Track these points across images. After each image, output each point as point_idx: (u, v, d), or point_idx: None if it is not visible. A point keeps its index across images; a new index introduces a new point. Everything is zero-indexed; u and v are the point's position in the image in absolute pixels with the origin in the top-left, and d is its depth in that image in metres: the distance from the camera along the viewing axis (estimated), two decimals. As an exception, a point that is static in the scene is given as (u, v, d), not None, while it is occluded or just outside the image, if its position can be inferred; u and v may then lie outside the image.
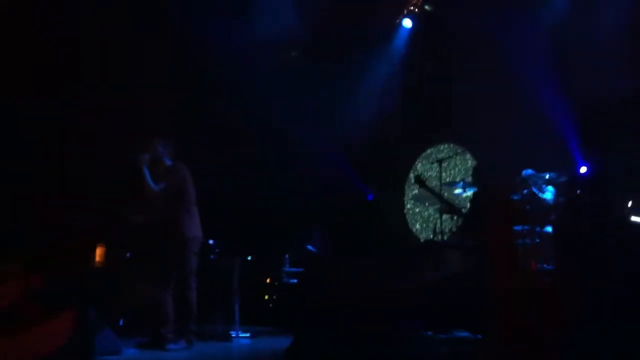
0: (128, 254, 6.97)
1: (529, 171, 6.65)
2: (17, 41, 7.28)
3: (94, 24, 7.66)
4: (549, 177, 6.50)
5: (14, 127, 7.25)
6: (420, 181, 6.11)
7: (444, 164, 8.41)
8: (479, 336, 5.07)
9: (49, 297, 3.90)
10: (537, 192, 6.53)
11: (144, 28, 7.91)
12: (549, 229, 6.30)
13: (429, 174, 9.14)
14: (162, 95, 8.12)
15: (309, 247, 8.27)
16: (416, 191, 9.01)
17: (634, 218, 5.77)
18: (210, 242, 6.95)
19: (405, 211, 9.78)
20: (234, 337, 6.79)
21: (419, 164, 9.72)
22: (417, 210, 9.61)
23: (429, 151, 9.66)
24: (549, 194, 6.45)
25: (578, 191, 5.94)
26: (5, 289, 3.72)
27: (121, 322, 6.04)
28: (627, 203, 5.76)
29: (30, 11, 7.54)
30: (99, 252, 7.40)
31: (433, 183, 7.61)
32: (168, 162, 6.08)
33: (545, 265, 6.00)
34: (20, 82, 7.21)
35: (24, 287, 3.75)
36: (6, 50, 7.13)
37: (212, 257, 6.99)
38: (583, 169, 6.46)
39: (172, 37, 8.28)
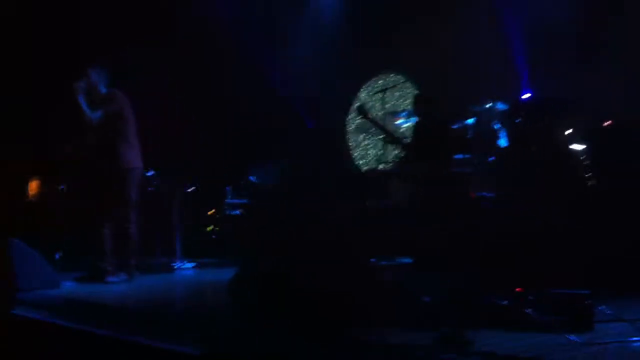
0: (62, 187, 6.74)
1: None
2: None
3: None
4: (489, 106, 6.49)
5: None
6: (362, 111, 6.05)
7: (387, 94, 8.33)
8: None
9: None
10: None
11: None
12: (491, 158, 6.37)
13: (371, 103, 9.08)
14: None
15: (251, 178, 8.18)
16: (359, 121, 8.96)
17: (573, 146, 5.86)
18: (149, 173, 6.78)
19: (348, 140, 9.77)
20: (177, 268, 6.74)
21: (363, 94, 9.64)
22: (360, 139, 9.61)
23: (372, 81, 9.57)
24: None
25: (518, 120, 5.96)
26: None
27: (57, 256, 5.87)
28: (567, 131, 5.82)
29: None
30: (32, 186, 7.17)
31: (376, 113, 7.55)
32: (103, 90, 5.83)
33: (485, 193, 6.09)
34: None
35: None
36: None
37: (150, 189, 6.83)
38: (526, 96, 6.44)
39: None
